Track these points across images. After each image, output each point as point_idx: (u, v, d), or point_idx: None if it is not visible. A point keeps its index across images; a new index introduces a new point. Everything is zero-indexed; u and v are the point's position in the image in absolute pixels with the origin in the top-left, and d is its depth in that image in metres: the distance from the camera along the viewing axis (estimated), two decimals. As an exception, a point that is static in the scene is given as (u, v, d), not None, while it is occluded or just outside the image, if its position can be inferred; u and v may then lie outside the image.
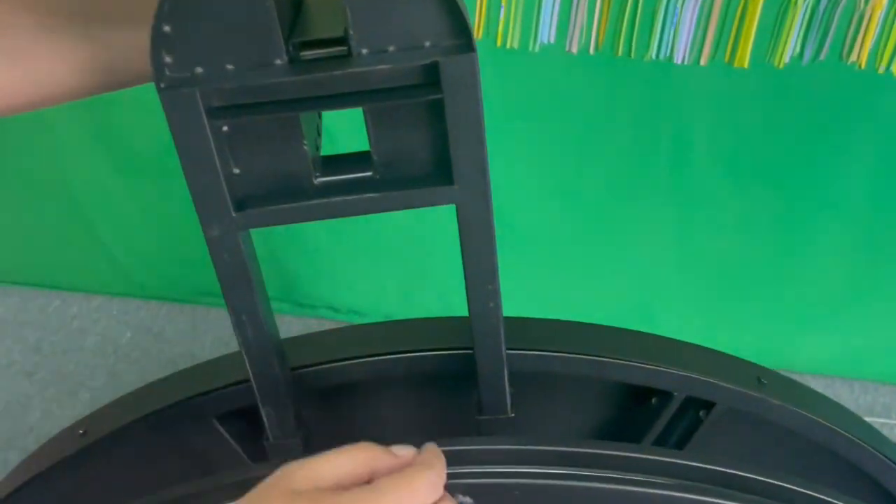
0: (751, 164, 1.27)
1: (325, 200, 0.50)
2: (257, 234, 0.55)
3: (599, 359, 0.57)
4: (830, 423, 0.58)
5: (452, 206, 0.51)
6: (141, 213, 1.53)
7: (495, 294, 0.54)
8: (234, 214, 0.50)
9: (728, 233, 1.35)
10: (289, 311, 1.55)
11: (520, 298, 1.09)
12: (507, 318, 0.55)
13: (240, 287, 0.53)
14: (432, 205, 0.51)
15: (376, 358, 0.59)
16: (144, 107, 1.25)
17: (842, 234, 1.30)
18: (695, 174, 1.30)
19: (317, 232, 1.47)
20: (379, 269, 1.52)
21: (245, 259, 0.52)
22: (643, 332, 0.61)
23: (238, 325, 0.55)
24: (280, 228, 1.71)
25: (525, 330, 0.60)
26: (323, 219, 0.51)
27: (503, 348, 0.55)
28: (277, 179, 0.50)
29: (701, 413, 0.59)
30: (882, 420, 1.13)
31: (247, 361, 0.56)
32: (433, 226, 1.45)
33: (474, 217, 0.51)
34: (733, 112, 1.23)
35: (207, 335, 1.60)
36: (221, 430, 0.62)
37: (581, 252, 1.42)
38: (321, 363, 0.59)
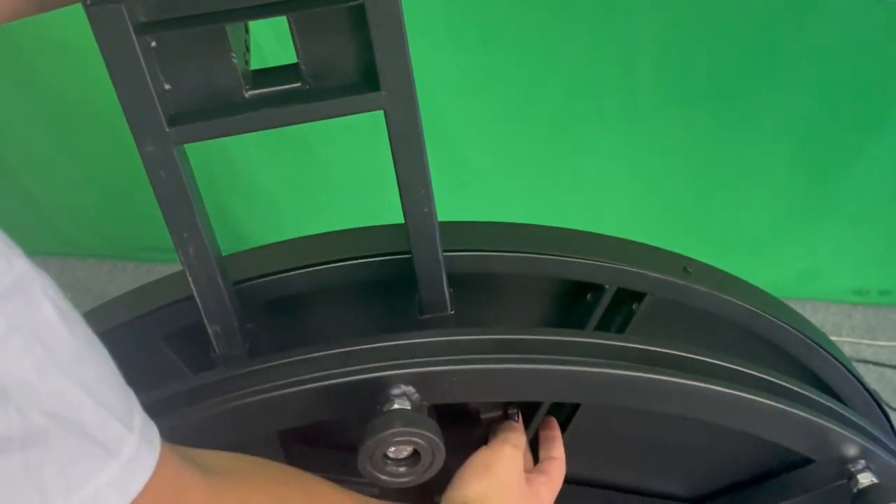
0: (695, 87, 1.34)
1: (256, 112, 0.56)
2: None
3: (531, 255, 0.63)
4: (753, 306, 0.65)
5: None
6: (73, 163, 1.53)
7: (429, 199, 0.60)
8: (167, 129, 0.55)
9: (676, 158, 1.43)
10: (234, 263, 1.57)
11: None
12: (444, 223, 0.61)
13: (179, 204, 0.59)
14: (361, 111, 0.56)
15: (318, 267, 0.65)
16: (68, 47, 1.26)
17: (784, 153, 1.39)
18: (641, 99, 1.37)
19: (260, 174, 1.49)
20: (330, 211, 1.56)
21: (182, 175, 0.57)
22: (574, 230, 0.67)
23: (179, 244, 0.60)
24: (222, 172, 1.71)
25: (461, 232, 0.66)
26: (255, 130, 0.57)
27: (440, 250, 0.61)
28: (209, 94, 0.55)
29: (634, 306, 0.66)
30: (832, 338, 1.23)
31: (190, 279, 0.61)
32: (388, 159, 1.47)
33: (402, 122, 0.57)
34: (677, 34, 1.30)
35: (152, 293, 1.62)
36: (166, 348, 0.67)
37: (532, 182, 1.48)
38: (264, 276, 0.65)
